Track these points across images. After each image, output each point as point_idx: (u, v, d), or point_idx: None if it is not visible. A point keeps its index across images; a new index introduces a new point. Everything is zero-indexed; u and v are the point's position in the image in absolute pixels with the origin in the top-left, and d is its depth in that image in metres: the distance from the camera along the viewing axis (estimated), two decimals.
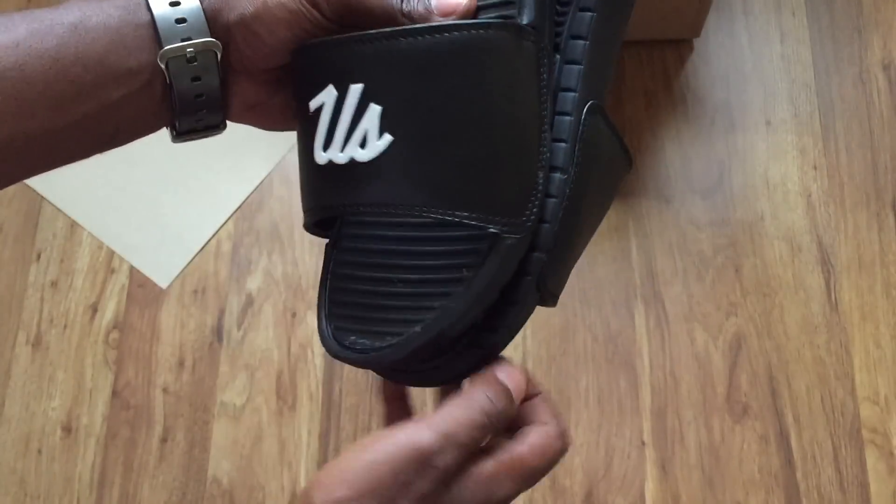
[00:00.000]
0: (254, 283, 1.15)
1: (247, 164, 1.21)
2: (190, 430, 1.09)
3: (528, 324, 1.11)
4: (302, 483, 1.06)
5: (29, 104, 0.38)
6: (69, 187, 1.21)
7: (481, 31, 0.40)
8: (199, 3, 0.41)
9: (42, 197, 1.20)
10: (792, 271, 1.13)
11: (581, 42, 0.42)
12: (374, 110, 0.40)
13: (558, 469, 1.05)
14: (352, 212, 0.41)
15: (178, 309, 1.14)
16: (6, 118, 0.38)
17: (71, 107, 0.39)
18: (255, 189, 1.20)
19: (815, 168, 1.18)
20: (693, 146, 1.19)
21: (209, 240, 1.18)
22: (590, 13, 0.43)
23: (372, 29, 0.41)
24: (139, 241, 1.18)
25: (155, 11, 0.40)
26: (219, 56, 0.42)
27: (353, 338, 0.41)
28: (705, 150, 1.19)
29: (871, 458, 1.05)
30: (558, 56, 0.43)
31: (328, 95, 0.41)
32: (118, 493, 1.07)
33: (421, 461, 0.37)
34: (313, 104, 0.42)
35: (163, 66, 0.41)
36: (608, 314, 1.12)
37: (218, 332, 1.13)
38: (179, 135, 0.45)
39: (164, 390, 1.11)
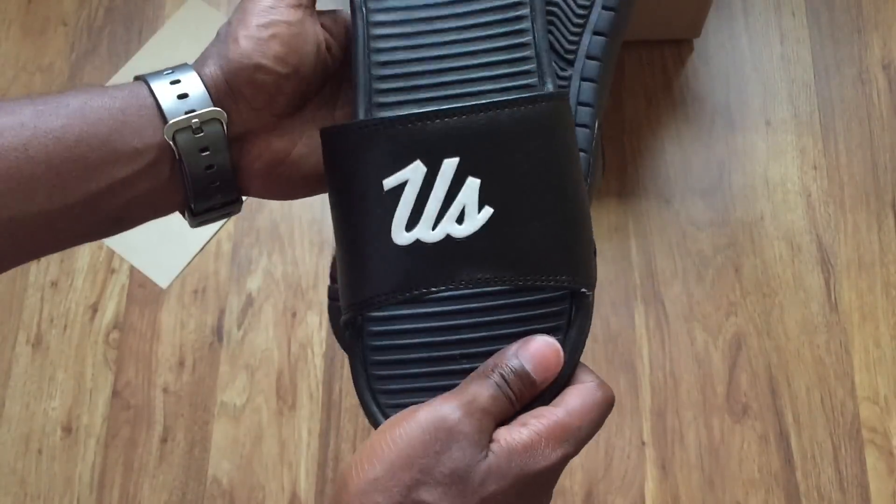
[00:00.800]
0: (254, 283, 1.15)
1: None
2: (190, 430, 1.09)
3: None
4: (302, 483, 1.06)
5: (33, 183, 0.38)
6: None
7: (553, 103, 0.42)
8: (198, 77, 0.42)
9: None
10: (792, 271, 1.13)
11: (596, 63, 0.45)
12: (473, 184, 0.40)
13: None
14: (435, 291, 0.41)
15: (178, 309, 1.14)
16: (10, 197, 0.38)
17: (75, 186, 0.39)
18: None
19: (815, 168, 1.18)
20: (693, 146, 1.19)
21: (209, 240, 1.18)
22: (604, 37, 0.45)
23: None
24: (139, 241, 1.18)
25: (156, 90, 0.41)
26: (224, 124, 0.42)
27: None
28: (705, 151, 1.19)
29: (871, 458, 1.05)
30: (571, 71, 0.45)
31: (414, 172, 0.41)
32: (118, 493, 1.07)
33: (448, 430, 0.37)
34: (390, 182, 0.41)
35: (170, 141, 0.41)
36: (608, 314, 1.12)
37: (218, 332, 1.13)
38: (195, 216, 0.44)
39: (165, 390, 1.11)
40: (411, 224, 0.41)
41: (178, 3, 1.29)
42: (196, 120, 0.41)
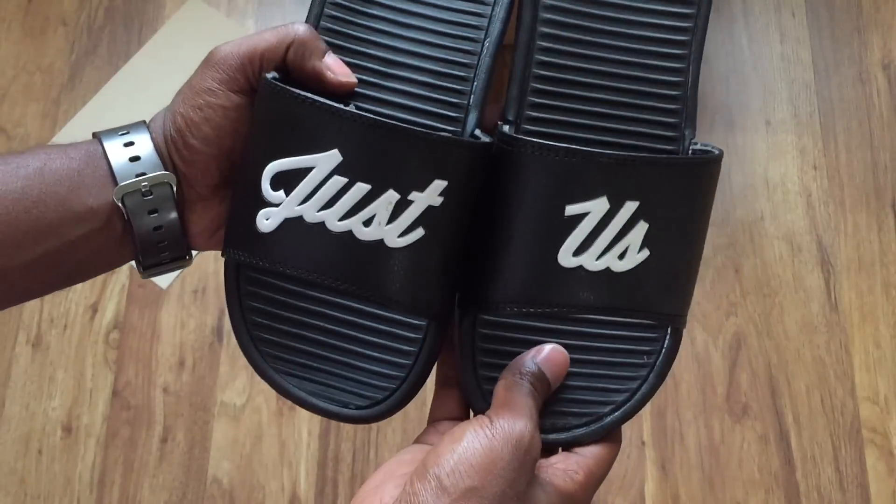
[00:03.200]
0: None
1: None
2: (190, 430, 1.09)
3: None
4: (302, 483, 1.06)
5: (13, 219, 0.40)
6: None
7: (718, 165, 0.47)
8: (150, 142, 0.43)
9: None
10: (792, 271, 1.13)
11: None
12: (642, 227, 0.45)
13: None
14: (572, 313, 0.46)
15: (178, 309, 1.14)
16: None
17: (33, 244, 0.41)
18: None
19: (815, 168, 1.18)
20: None
21: None
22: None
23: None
24: None
25: (109, 153, 0.43)
26: (174, 188, 0.43)
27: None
28: None
29: (871, 458, 1.05)
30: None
31: (598, 206, 0.44)
32: (118, 493, 1.07)
33: (526, 449, 0.40)
34: (573, 210, 0.44)
35: (119, 203, 0.42)
36: None
37: (218, 332, 1.13)
38: (146, 269, 0.46)
39: (165, 390, 1.11)
40: (580, 251, 0.45)
41: (178, 4, 1.29)
42: (146, 183, 0.43)
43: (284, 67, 0.45)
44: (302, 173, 0.43)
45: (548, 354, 0.44)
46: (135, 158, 0.43)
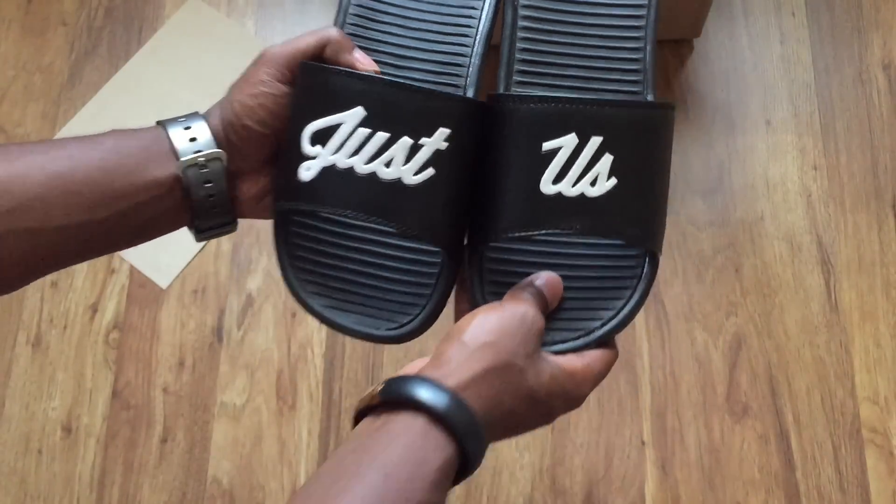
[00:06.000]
0: (254, 283, 1.15)
1: None
2: (190, 430, 1.09)
3: None
4: (302, 483, 1.06)
5: (78, 199, 0.50)
6: None
7: (671, 112, 0.58)
8: (206, 124, 0.54)
9: None
10: (792, 271, 1.13)
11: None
12: (608, 158, 0.55)
13: (558, 469, 1.05)
14: (556, 233, 0.56)
15: (178, 309, 1.14)
16: (60, 210, 0.50)
17: (111, 204, 0.51)
18: None
19: (815, 168, 1.18)
20: (693, 146, 1.19)
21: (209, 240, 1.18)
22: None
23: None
24: None
25: (171, 135, 0.53)
26: (224, 162, 0.54)
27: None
28: (705, 151, 1.19)
29: (871, 458, 1.05)
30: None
31: (568, 141, 0.55)
32: (118, 493, 1.07)
33: (531, 321, 0.52)
34: (548, 145, 0.55)
35: (181, 174, 0.52)
36: None
37: (218, 332, 1.13)
38: (199, 232, 0.56)
39: (165, 390, 1.11)
40: (557, 180, 0.54)
41: (178, 4, 1.29)
42: (202, 158, 0.53)
43: (321, 62, 0.56)
44: (333, 129, 0.54)
45: (545, 278, 0.55)
46: (192, 139, 0.53)
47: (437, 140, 0.54)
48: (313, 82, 0.55)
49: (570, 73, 0.59)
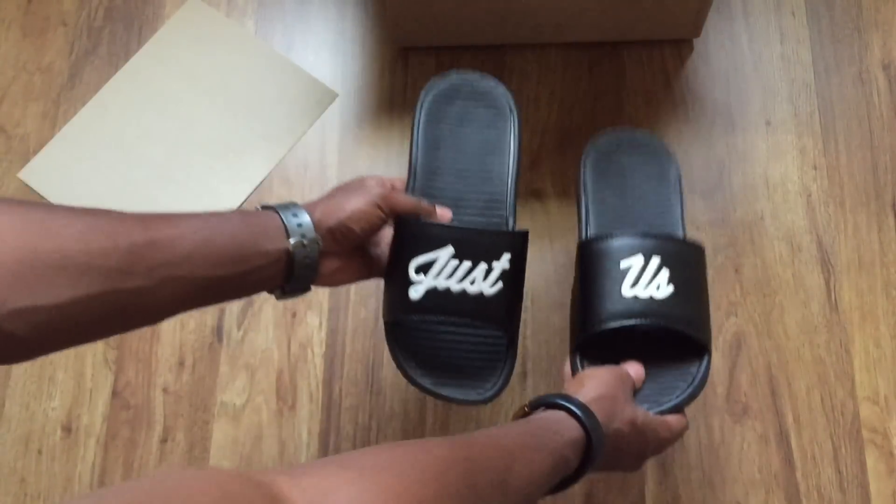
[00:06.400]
0: None
1: (247, 165, 1.21)
2: (190, 430, 1.09)
3: (529, 324, 1.11)
4: None
5: (212, 260, 0.64)
6: (69, 188, 1.21)
7: (702, 249, 0.83)
8: (308, 216, 0.72)
9: (42, 197, 1.20)
10: (792, 271, 1.13)
11: None
12: (666, 272, 0.79)
13: None
14: (632, 324, 0.78)
15: None
16: (203, 266, 0.63)
17: (237, 265, 0.66)
18: (255, 189, 1.20)
19: (815, 168, 1.18)
20: (693, 146, 1.19)
21: None
22: None
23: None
24: None
25: (284, 218, 0.70)
26: (320, 245, 0.72)
27: None
28: (705, 151, 1.19)
29: (871, 458, 1.05)
30: None
31: (638, 260, 0.79)
32: None
33: (631, 381, 0.76)
34: (624, 263, 0.79)
35: (290, 249, 0.70)
36: None
37: (218, 332, 1.13)
38: (283, 293, 0.74)
39: (164, 390, 1.11)
40: (632, 285, 0.79)
41: (178, 4, 1.29)
42: (305, 241, 0.71)
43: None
44: (432, 262, 0.77)
45: (635, 367, 0.79)
46: (299, 225, 0.71)
47: (504, 262, 0.78)
48: (415, 231, 0.78)
49: (631, 216, 0.87)
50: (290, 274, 0.71)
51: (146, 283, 0.59)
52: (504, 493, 0.55)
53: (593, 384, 0.72)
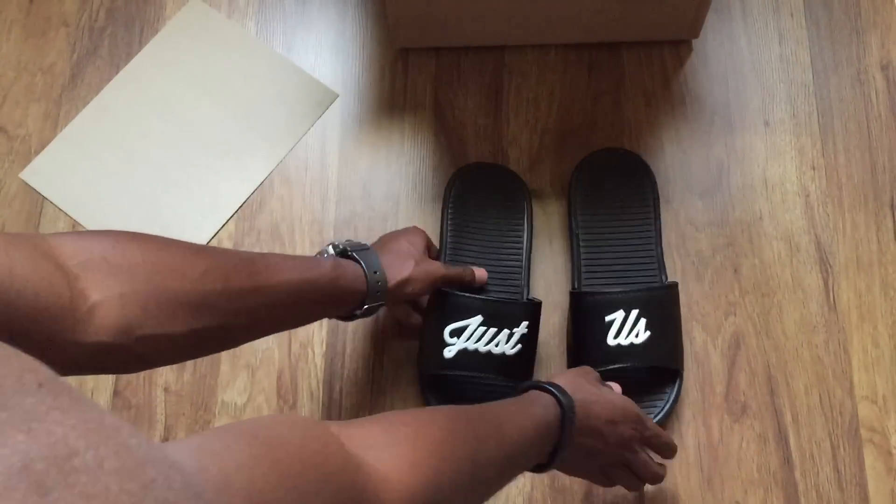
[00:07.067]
0: None
1: (248, 164, 1.22)
2: (191, 429, 1.10)
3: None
4: None
5: (311, 297, 0.82)
6: (70, 188, 1.21)
7: (676, 286, 1.06)
8: (384, 273, 0.90)
9: (44, 197, 1.21)
10: (790, 271, 1.13)
11: None
12: (643, 321, 1.00)
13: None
14: (618, 368, 1.00)
15: None
16: (291, 311, 0.82)
17: (325, 300, 0.85)
18: (255, 189, 1.20)
19: (814, 168, 1.18)
20: (692, 147, 1.20)
21: (210, 240, 1.18)
22: None
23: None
24: None
25: (369, 280, 0.88)
26: (384, 302, 0.91)
27: None
28: (704, 151, 1.19)
29: (870, 457, 1.05)
30: None
31: (619, 315, 1.00)
32: None
33: (632, 410, 0.87)
34: (610, 317, 1.00)
35: (366, 305, 0.88)
36: None
37: None
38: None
39: (166, 390, 1.11)
40: (615, 336, 1.00)
41: (179, 5, 1.30)
42: (380, 283, 0.88)
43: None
44: (464, 327, 0.99)
45: (613, 385, 0.92)
46: (375, 272, 0.88)
47: (522, 328, 1.01)
48: (450, 301, 1.00)
49: (615, 269, 1.07)
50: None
51: (249, 322, 0.75)
52: (499, 442, 0.69)
53: (562, 378, 0.84)
